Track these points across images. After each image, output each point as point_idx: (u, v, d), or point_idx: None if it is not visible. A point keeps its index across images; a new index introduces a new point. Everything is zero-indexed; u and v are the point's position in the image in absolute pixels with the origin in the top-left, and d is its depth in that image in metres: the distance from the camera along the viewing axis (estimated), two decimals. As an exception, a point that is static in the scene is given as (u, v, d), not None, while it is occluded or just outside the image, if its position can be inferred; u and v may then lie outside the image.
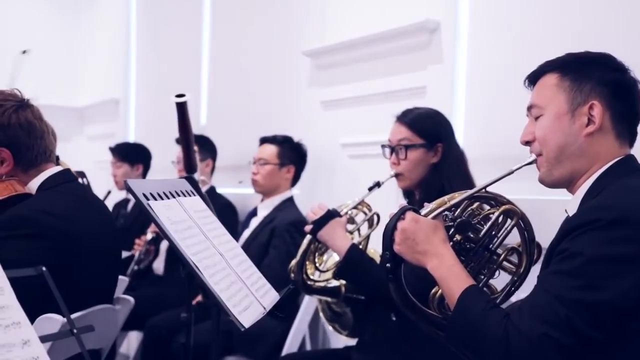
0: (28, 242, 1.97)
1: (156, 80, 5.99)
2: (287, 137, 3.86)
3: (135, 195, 1.61)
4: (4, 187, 2.09)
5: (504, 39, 3.04)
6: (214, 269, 1.66)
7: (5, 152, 2.14)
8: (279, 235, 3.60)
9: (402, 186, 2.70)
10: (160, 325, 3.77)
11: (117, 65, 6.63)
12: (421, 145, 2.62)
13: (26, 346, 1.20)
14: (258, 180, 3.83)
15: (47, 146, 2.22)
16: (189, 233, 1.70)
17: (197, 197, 1.93)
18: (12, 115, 2.14)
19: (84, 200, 2.25)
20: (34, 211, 2.03)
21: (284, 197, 3.84)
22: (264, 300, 1.79)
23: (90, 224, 2.16)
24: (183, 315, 1.86)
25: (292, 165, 3.84)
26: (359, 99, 3.76)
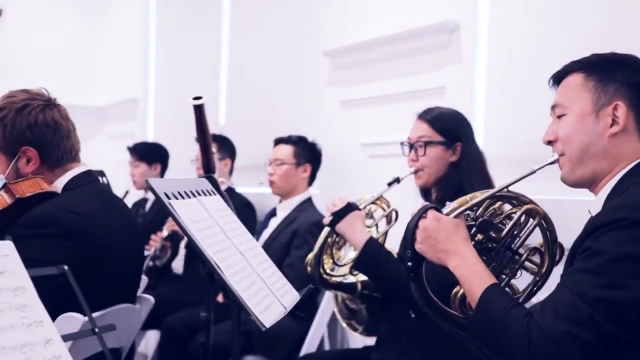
0: (53, 242, 1.98)
1: (175, 79, 6.00)
2: (302, 137, 3.86)
3: (157, 194, 1.61)
4: (30, 185, 2.10)
5: (523, 39, 3.02)
6: (234, 268, 1.65)
7: (31, 151, 2.15)
8: (301, 235, 3.60)
9: (420, 184, 2.69)
10: (178, 325, 3.77)
11: (136, 65, 6.65)
12: (440, 142, 2.62)
13: (48, 345, 1.20)
14: (275, 180, 3.83)
15: (73, 145, 2.24)
16: (210, 232, 1.69)
17: (217, 197, 1.92)
18: (39, 114, 2.15)
19: (107, 200, 2.27)
20: (60, 210, 2.04)
21: (302, 198, 3.84)
22: (284, 300, 1.78)
23: (114, 224, 2.17)
24: (202, 315, 1.85)
25: (308, 164, 3.84)
26: (378, 99, 3.75)
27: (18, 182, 2.09)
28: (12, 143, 2.14)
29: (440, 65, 3.37)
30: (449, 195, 2.54)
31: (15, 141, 2.14)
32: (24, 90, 2.22)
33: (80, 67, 7.23)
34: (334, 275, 2.73)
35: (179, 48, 6.01)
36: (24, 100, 2.16)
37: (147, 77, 6.51)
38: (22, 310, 1.21)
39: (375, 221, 2.73)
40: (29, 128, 2.13)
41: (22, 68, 6.53)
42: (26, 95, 2.19)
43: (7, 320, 1.17)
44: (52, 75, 6.71)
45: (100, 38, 7.38)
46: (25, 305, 1.22)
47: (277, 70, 4.63)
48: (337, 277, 2.74)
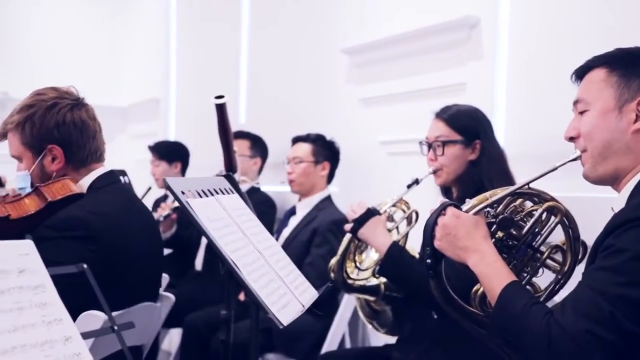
0: (78, 244, 1.99)
1: (196, 79, 6.02)
2: (320, 135, 3.86)
3: (174, 193, 1.62)
4: (60, 187, 2.12)
5: (544, 34, 2.99)
6: (252, 266, 1.65)
7: (57, 149, 2.16)
8: (321, 234, 3.60)
9: (439, 182, 2.68)
10: (200, 322, 3.79)
11: (158, 65, 6.68)
12: (458, 141, 2.60)
13: (68, 342, 1.21)
14: (294, 179, 3.83)
15: (99, 146, 2.25)
16: (227, 231, 1.70)
17: (235, 195, 1.93)
18: (67, 113, 2.16)
19: (129, 201, 2.28)
20: (86, 213, 2.05)
21: (322, 196, 3.84)
22: (302, 298, 1.78)
23: (136, 225, 2.19)
24: (223, 313, 1.85)
25: (327, 162, 3.84)
26: (397, 96, 3.74)
27: (48, 185, 2.11)
28: (39, 140, 2.16)
29: (460, 62, 3.35)
30: (470, 194, 2.52)
31: (42, 139, 2.16)
32: (53, 88, 2.23)
33: (103, 67, 7.28)
34: (357, 280, 2.73)
35: (200, 48, 6.03)
36: (53, 99, 2.17)
37: (168, 77, 6.54)
38: (42, 308, 1.22)
39: (396, 223, 2.73)
40: (56, 127, 2.15)
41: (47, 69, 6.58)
42: (55, 93, 2.20)
43: (28, 318, 1.18)
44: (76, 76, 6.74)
45: (123, 39, 7.43)
46: (45, 303, 1.23)
47: (296, 68, 4.63)
48: (361, 280, 2.73)
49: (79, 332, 1.24)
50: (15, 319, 1.14)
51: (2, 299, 1.14)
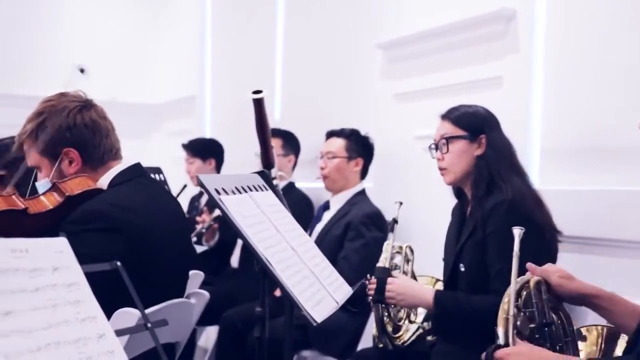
0: (101, 236, 2.00)
1: (231, 76, 6.04)
2: (354, 130, 3.84)
3: (207, 190, 1.62)
4: (77, 183, 2.13)
5: (582, 26, 2.94)
6: (285, 263, 1.65)
7: (73, 152, 2.18)
8: (354, 228, 3.59)
9: (448, 181, 2.68)
10: (236, 318, 3.80)
11: (193, 62, 6.72)
12: (462, 136, 2.60)
13: (101, 340, 1.22)
14: (327, 174, 3.82)
15: (113, 144, 2.26)
16: (261, 227, 1.69)
17: (269, 192, 1.93)
18: (77, 115, 2.18)
19: (154, 194, 2.28)
20: (106, 205, 2.06)
21: (355, 191, 3.83)
22: (336, 295, 1.77)
23: (161, 218, 2.19)
24: (258, 310, 1.85)
25: (360, 158, 3.82)
26: (432, 91, 3.71)
27: (66, 181, 2.13)
28: (53, 146, 2.18)
29: (496, 55, 3.31)
30: (482, 191, 2.52)
31: (56, 143, 2.18)
32: (60, 94, 2.26)
33: (139, 65, 7.33)
34: (404, 339, 2.72)
35: (235, 44, 6.05)
36: (62, 103, 2.20)
37: (203, 74, 6.57)
38: (76, 305, 1.22)
39: (400, 268, 2.74)
40: (68, 129, 2.17)
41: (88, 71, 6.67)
42: (63, 98, 2.23)
43: (62, 315, 1.19)
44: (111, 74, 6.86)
45: (158, 36, 7.48)
46: (79, 300, 1.23)
47: (331, 64, 4.62)
48: (407, 335, 2.73)
49: (112, 330, 1.25)
50: (49, 317, 1.15)
51: (36, 296, 1.15)
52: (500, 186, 2.49)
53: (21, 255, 1.18)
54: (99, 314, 1.24)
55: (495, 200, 2.47)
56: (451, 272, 2.60)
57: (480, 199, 2.52)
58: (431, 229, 3.39)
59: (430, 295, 2.51)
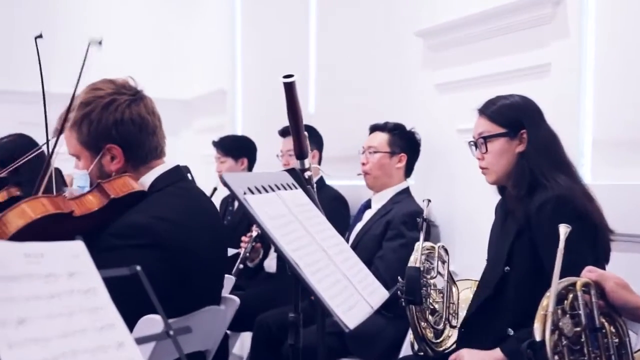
0: (143, 252, 1.99)
1: (263, 69, 6.05)
2: (399, 125, 3.82)
3: (232, 189, 1.61)
4: (122, 184, 2.12)
5: (636, 7, 2.88)
6: (315, 266, 1.64)
7: (116, 149, 2.18)
8: (394, 227, 3.58)
9: (490, 181, 2.67)
10: (270, 322, 3.81)
11: (224, 55, 6.75)
12: (501, 134, 2.58)
13: (121, 348, 1.22)
14: (368, 170, 3.80)
15: (159, 142, 2.26)
16: (289, 228, 1.68)
17: (298, 190, 1.92)
18: (126, 110, 2.17)
19: (195, 202, 2.28)
20: (150, 219, 2.06)
21: (399, 189, 3.80)
22: (371, 299, 1.76)
23: (201, 228, 2.19)
24: (291, 316, 1.85)
25: (404, 154, 3.80)
26: (476, 81, 3.67)
27: (110, 182, 2.11)
28: (96, 140, 2.17)
29: (543, 42, 3.26)
30: (524, 190, 2.48)
31: (100, 138, 2.17)
32: (109, 81, 2.24)
33: (167, 59, 7.38)
34: (446, 345, 2.71)
35: (266, 36, 6.06)
36: (111, 95, 2.18)
37: (235, 68, 6.60)
38: (94, 312, 1.23)
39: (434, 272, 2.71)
40: (114, 125, 2.16)
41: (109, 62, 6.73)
42: (112, 87, 2.21)
43: (79, 323, 1.19)
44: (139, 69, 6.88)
45: (186, 29, 7.52)
46: (96, 307, 1.24)
47: (368, 54, 4.60)
48: (449, 341, 2.71)
49: (132, 338, 1.25)
50: (65, 324, 1.16)
51: (51, 303, 1.15)
52: (544, 184, 2.46)
53: (36, 260, 1.18)
54: (118, 322, 1.25)
55: (539, 200, 2.44)
56: (495, 275, 2.56)
57: (521, 199, 2.49)
58: (476, 228, 3.36)
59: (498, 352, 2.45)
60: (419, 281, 2.58)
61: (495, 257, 2.61)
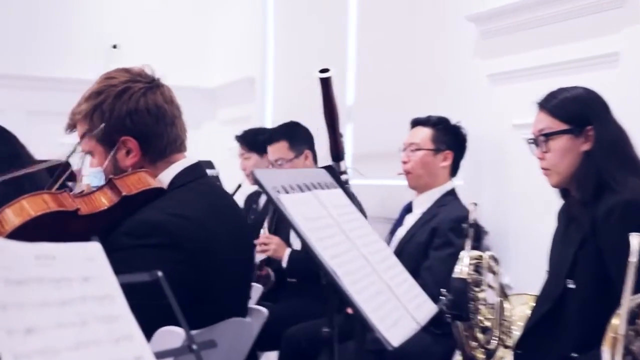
0: (160, 252, 1.98)
1: (296, 55, 6.06)
2: (443, 119, 3.79)
3: (264, 187, 1.60)
4: (136, 180, 2.11)
5: None
6: (356, 275, 1.62)
7: (132, 142, 2.17)
8: (441, 234, 3.54)
9: (552, 183, 2.65)
10: (300, 335, 3.79)
11: (253, 40, 6.75)
12: (564, 131, 2.55)
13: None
14: (409, 169, 3.78)
15: (178, 134, 2.25)
16: (327, 232, 1.67)
17: (337, 190, 1.90)
18: (141, 99, 2.17)
19: (217, 200, 2.28)
20: (167, 216, 2.04)
21: (444, 190, 3.77)
22: (417, 314, 1.74)
23: (224, 228, 2.18)
24: (325, 331, 1.83)
25: (449, 151, 3.77)
26: (535, 71, 3.64)
27: (123, 178, 2.10)
28: (110, 132, 2.17)
29: (612, 28, 3.22)
30: (590, 193, 2.45)
31: (113, 130, 2.17)
32: (124, 70, 2.24)
33: (190, 44, 7.41)
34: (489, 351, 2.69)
35: (301, 19, 6.06)
36: (124, 83, 2.18)
37: (265, 54, 6.60)
38: (109, 322, 1.22)
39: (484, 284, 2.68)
40: (129, 115, 2.16)
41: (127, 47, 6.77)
42: (127, 75, 2.21)
43: (93, 333, 1.18)
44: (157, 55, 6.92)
45: (211, 11, 7.54)
46: (112, 316, 1.23)
47: (413, 40, 4.58)
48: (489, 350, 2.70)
49: (151, 352, 1.24)
50: (77, 334, 1.15)
51: (63, 311, 1.14)
52: (612, 187, 2.42)
53: (47, 262, 1.18)
54: (137, 333, 1.24)
55: (607, 205, 2.40)
56: (556, 289, 2.53)
57: (587, 203, 2.46)
58: (533, 235, 3.33)
59: None
60: (466, 294, 2.55)
61: (557, 269, 2.57)
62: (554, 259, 2.66)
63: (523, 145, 3.66)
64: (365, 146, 4.61)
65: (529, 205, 3.55)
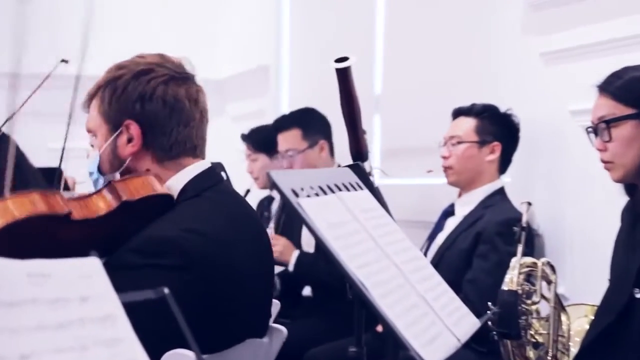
0: (173, 275, 2.00)
1: (316, 40, 6.07)
2: (489, 106, 3.80)
3: (281, 190, 1.62)
4: (141, 184, 2.13)
5: None
6: (386, 286, 1.65)
7: (134, 127, 2.21)
8: (487, 240, 3.55)
9: (615, 178, 2.64)
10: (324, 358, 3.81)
11: (266, 23, 6.76)
12: (630, 116, 2.54)
13: (144, 388, 1.25)
14: (451, 165, 3.79)
15: (192, 138, 2.28)
16: (354, 240, 1.70)
17: (365, 192, 1.93)
18: (160, 86, 2.21)
19: (236, 210, 2.32)
20: (182, 232, 2.07)
21: (491, 189, 3.79)
22: (457, 330, 1.77)
23: (244, 242, 2.22)
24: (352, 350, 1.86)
25: (498, 143, 3.78)
26: (594, 48, 3.65)
27: (125, 180, 2.12)
28: (116, 111, 2.23)
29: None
30: None
31: (120, 110, 2.22)
32: (159, 55, 2.30)
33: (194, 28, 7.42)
34: None
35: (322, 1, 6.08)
36: (150, 64, 2.24)
37: (280, 40, 6.61)
38: (111, 346, 1.25)
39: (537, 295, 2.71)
40: (140, 99, 2.20)
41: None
42: (157, 59, 2.27)
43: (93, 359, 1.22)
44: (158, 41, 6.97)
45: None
46: (115, 339, 1.26)
47: (450, 17, 4.60)
48: None
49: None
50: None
51: (60, 335, 1.17)
52: None
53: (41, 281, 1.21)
54: (141, 357, 1.27)
55: None
56: (620, 299, 2.54)
57: None
58: (593, 238, 3.34)
59: None
60: (516, 308, 2.58)
61: (621, 276, 2.59)
62: (617, 265, 2.67)
63: (582, 135, 3.69)
64: (396, 140, 4.62)
65: (588, 204, 3.55)
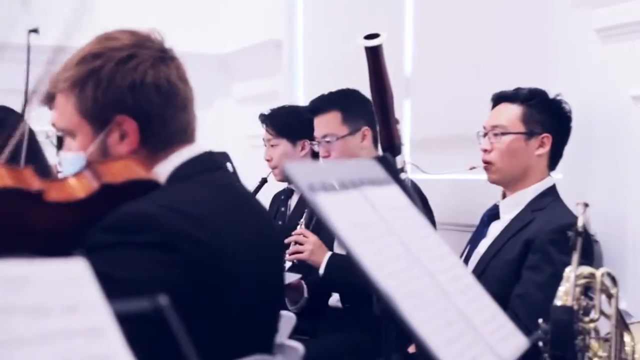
0: (149, 254, 1.99)
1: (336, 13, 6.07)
2: (538, 91, 3.78)
3: (299, 185, 1.62)
4: (123, 167, 2.11)
5: None
6: (420, 299, 1.65)
7: (130, 123, 2.19)
8: (539, 249, 3.52)
9: None
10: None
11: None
12: None
13: (137, 409, 1.25)
14: (493, 161, 3.78)
15: (189, 121, 2.29)
16: (380, 243, 1.69)
17: (393, 187, 1.93)
18: (149, 71, 2.19)
19: (236, 200, 2.32)
20: (160, 209, 2.04)
21: (540, 188, 3.78)
22: (502, 349, 1.76)
23: (241, 234, 2.20)
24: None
25: (547, 134, 3.76)
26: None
27: (107, 163, 2.10)
28: (103, 108, 2.19)
29: None
30: None
31: (109, 106, 2.19)
32: (129, 32, 2.26)
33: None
34: None
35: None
36: (131, 48, 2.20)
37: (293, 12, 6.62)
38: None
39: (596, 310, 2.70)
40: (131, 89, 2.18)
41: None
42: (132, 39, 2.23)
43: (78, 377, 1.23)
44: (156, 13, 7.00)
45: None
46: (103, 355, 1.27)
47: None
48: None
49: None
50: (60, 380, 1.19)
51: (41, 349, 1.17)
52: None
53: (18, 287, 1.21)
54: (134, 375, 1.28)
55: None
56: None
57: None
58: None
59: None
60: (571, 327, 2.57)
61: None
62: None
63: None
64: (428, 129, 4.61)
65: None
